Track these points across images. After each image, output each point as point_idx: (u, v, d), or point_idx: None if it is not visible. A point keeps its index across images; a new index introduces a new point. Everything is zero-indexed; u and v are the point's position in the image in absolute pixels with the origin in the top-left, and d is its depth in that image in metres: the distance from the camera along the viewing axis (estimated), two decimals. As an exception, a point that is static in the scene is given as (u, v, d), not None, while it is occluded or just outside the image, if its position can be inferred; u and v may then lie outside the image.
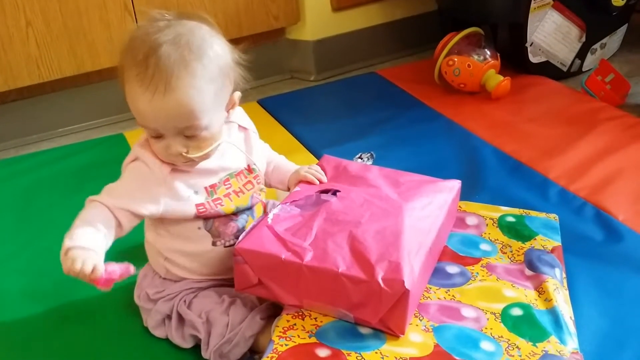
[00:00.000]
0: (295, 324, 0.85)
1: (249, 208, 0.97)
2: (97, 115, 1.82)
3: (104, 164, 1.50)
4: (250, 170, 0.98)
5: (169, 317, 0.96)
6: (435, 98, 1.73)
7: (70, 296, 1.09)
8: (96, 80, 1.76)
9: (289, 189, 1.04)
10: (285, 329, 0.84)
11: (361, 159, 1.32)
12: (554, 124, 1.56)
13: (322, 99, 1.87)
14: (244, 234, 0.89)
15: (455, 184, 1.05)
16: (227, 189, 0.94)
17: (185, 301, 0.95)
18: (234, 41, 0.92)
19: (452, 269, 0.98)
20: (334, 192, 0.98)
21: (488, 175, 1.36)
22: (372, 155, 1.35)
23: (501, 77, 1.66)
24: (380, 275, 0.80)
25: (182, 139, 0.86)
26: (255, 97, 1.84)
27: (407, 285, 0.79)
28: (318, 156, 1.41)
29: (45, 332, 1.03)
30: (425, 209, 0.96)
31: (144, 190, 0.89)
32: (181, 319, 0.95)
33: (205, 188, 0.92)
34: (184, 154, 0.86)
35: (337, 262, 0.83)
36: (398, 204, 0.95)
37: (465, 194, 1.13)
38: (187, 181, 0.91)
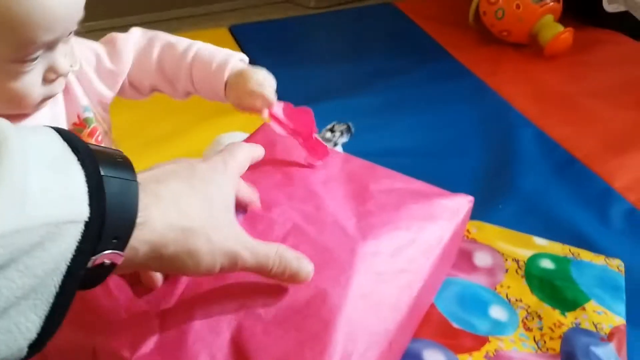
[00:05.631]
0: None
1: None
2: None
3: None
4: (81, 123, 0.66)
5: None
6: (466, 48, 1.47)
7: None
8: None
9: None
10: None
11: (332, 132, 0.87)
12: (627, 103, 1.25)
13: (320, 33, 1.64)
14: None
15: (463, 204, 0.64)
16: None
17: None
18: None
19: (434, 357, 0.58)
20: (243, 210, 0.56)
21: (524, 170, 1.03)
22: (348, 128, 0.89)
23: (561, 28, 1.40)
24: None
25: (64, 46, 0.60)
26: (228, 22, 1.52)
27: None
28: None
29: None
30: (400, 255, 0.54)
31: None
32: None
33: None
34: (69, 67, 0.61)
35: None
36: (350, 244, 0.53)
37: (483, 202, 0.77)
38: None
